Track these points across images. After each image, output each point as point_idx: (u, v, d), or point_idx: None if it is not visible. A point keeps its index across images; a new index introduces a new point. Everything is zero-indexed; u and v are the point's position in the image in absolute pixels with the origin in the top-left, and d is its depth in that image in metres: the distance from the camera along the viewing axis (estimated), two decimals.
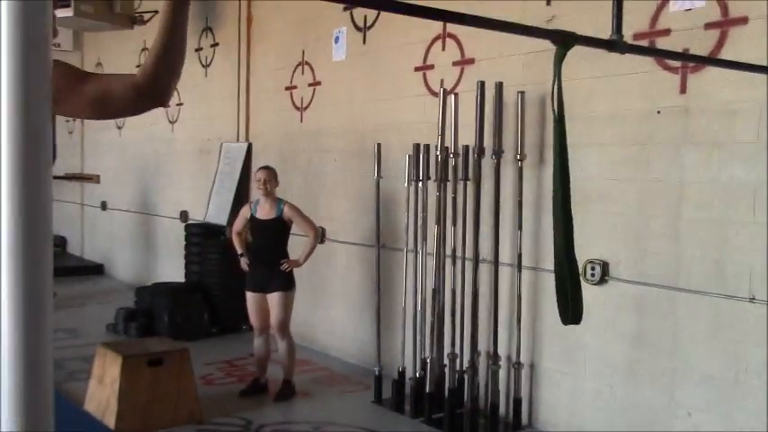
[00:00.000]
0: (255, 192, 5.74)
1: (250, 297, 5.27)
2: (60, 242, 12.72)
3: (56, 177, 12.32)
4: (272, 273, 5.17)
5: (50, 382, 1.01)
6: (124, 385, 4.50)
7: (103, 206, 11.10)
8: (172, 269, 8.60)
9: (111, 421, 4.49)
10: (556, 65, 2.37)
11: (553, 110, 2.23)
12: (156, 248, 9.64)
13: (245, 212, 5.36)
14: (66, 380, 5.65)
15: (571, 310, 2.27)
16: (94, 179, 11.44)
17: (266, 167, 5.45)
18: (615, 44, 2.37)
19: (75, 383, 5.39)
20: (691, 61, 3.76)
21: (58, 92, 1.77)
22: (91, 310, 8.37)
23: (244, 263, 5.33)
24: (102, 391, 4.68)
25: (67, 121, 12.27)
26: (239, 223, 5.39)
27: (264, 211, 5.24)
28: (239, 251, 5.36)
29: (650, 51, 2.87)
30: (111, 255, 11.01)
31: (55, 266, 3.23)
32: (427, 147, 5.09)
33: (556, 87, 2.34)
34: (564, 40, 2.28)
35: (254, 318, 5.31)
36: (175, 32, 1.79)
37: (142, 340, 5.79)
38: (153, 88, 1.82)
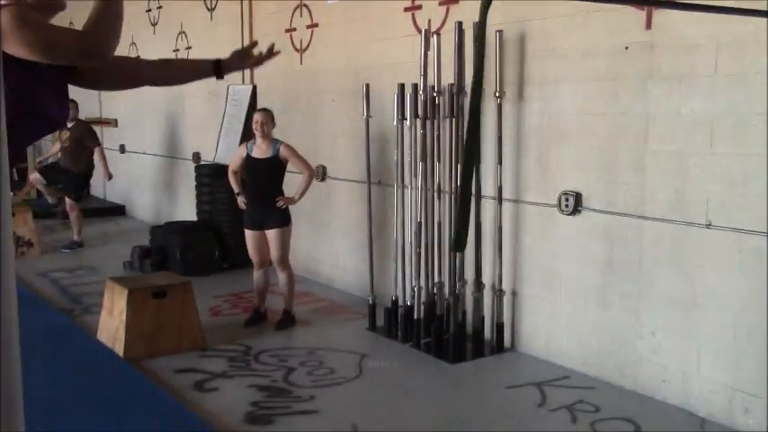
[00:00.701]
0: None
1: (249, 234, 5.58)
2: None
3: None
4: (269, 210, 5.45)
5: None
6: (130, 316, 4.86)
7: (122, 149, 11.44)
8: (186, 209, 8.95)
9: (120, 349, 4.87)
10: (481, 14, 2.53)
11: (475, 55, 2.39)
12: (173, 189, 9.99)
13: (240, 152, 5.62)
14: (82, 313, 6.06)
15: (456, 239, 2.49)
16: (112, 123, 11.76)
17: (263, 109, 5.69)
18: None
19: (91, 316, 5.77)
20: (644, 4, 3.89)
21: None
22: (111, 248, 8.77)
23: (241, 201, 5.62)
24: (112, 321, 5.06)
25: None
26: (235, 162, 5.66)
27: (261, 151, 5.50)
28: (236, 190, 5.65)
29: None
30: (132, 196, 11.40)
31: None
32: (415, 86, 5.28)
33: (478, 33, 2.48)
34: None
35: (253, 253, 5.62)
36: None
37: (148, 275, 6.14)
38: (94, 47, 2.10)
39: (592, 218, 4.56)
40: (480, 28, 2.47)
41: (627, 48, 4.27)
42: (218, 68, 2.58)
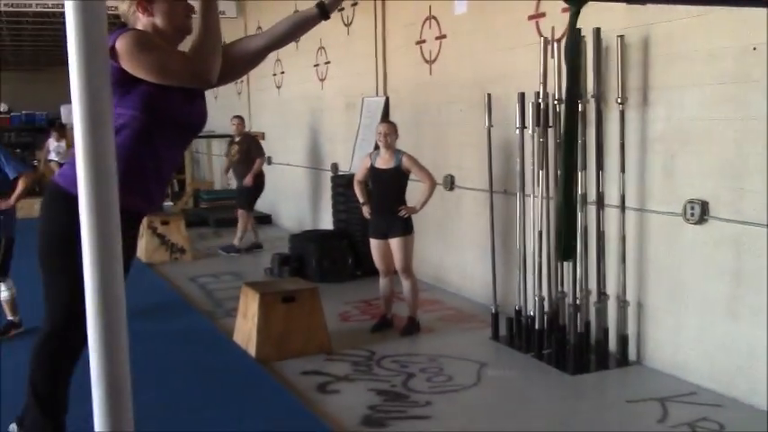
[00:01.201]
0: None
1: (373, 243, 5.75)
2: (236, 194, 13.90)
3: (228, 136, 13.46)
4: (392, 219, 5.59)
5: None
6: (262, 319, 5.14)
7: (269, 161, 12.02)
8: (326, 218, 9.30)
9: (252, 350, 5.17)
10: (571, 25, 2.52)
11: (567, 66, 2.37)
12: (314, 199, 10.40)
13: (366, 163, 5.81)
14: (222, 316, 6.46)
15: (563, 249, 2.49)
16: (260, 136, 12.37)
17: (387, 121, 5.86)
18: None
19: (230, 319, 6.14)
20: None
21: None
22: (255, 255, 9.26)
23: (366, 211, 5.80)
24: (246, 324, 5.37)
25: (236, 83, 13.31)
26: (361, 173, 5.85)
27: (384, 161, 5.66)
28: (361, 200, 5.83)
29: (665, 0, 2.93)
30: (277, 206, 11.96)
31: (232, 218, 4.18)
32: (537, 94, 5.26)
33: (570, 42, 2.48)
34: None
35: (378, 261, 5.78)
36: (206, 21, 2.33)
37: (281, 280, 6.45)
38: (198, 72, 2.34)
39: (719, 227, 4.36)
40: (571, 36, 2.47)
41: (755, 48, 4.07)
42: (323, 9, 2.69)
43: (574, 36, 2.43)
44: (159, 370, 4.79)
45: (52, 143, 15.39)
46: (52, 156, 15.40)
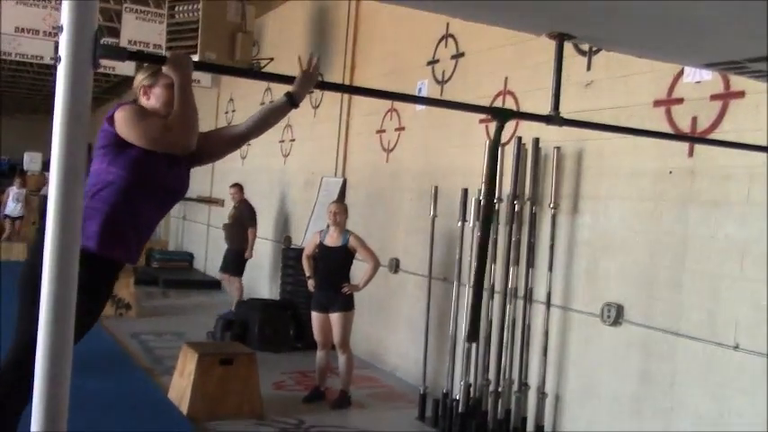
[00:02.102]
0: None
1: (314, 315, 6.01)
2: (189, 258, 14.07)
3: (188, 199, 13.71)
4: (335, 294, 5.88)
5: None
6: (198, 379, 5.33)
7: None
8: (274, 288, 9.53)
9: (184, 408, 5.33)
10: (495, 135, 2.92)
11: (483, 179, 2.75)
12: (268, 269, 10.61)
13: (315, 239, 6.12)
14: (162, 373, 6.60)
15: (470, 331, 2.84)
16: (219, 203, 12.66)
17: (338, 201, 6.22)
18: (552, 119, 2.91)
19: (168, 377, 6.28)
20: (660, 137, 4.18)
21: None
22: (200, 318, 9.39)
23: (310, 284, 6.08)
24: (181, 382, 5.54)
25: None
26: (309, 248, 6.16)
27: (332, 239, 5.98)
28: (307, 273, 6.13)
29: (580, 124, 3.35)
30: None
31: (181, 279, 4.62)
32: (479, 191, 5.67)
33: (491, 150, 2.87)
34: (501, 115, 2.86)
35: (317, 334, 6.03)
36: (182, 97, 2.72)
37: (221, 343, 6.63)
38: (176, 142, 2.74)
39: (631, 330, 4.73)
40: (492, 146, 2.88)
41: (671, 172, 4.54)
42: (291, 99, 3.03)
43: (495, 146, 2.85)
44: (88, 419, 4.92)
45: (13, 190, 15.52)
46: (10, 202, 15.51)
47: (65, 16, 2.01)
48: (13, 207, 15.57)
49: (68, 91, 2.05)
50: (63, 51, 2.14)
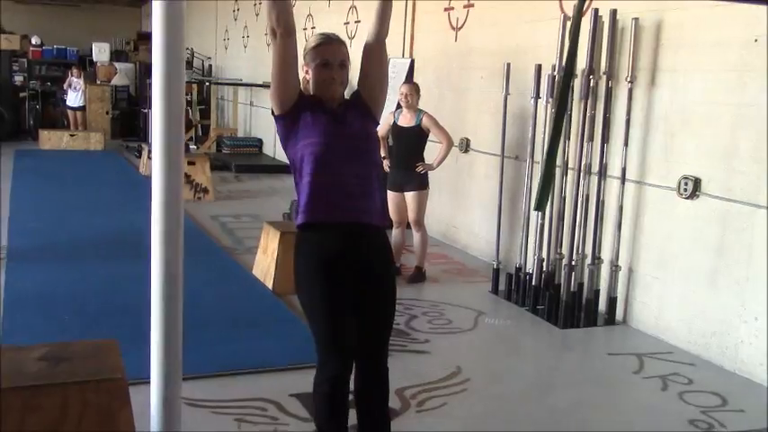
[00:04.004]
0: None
1: (390, 195, 6.14)
2: (257, 143, 14.33)
3: (254, 85, 13.83)
4: (410, 174, 5.99)
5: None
6: (281, 255, 5.57)
7: None
8: None
9: (269, 283, 5.62)
10: (576, 9, 2.87)
11: (558, 54, 2.73)
12: None
13: (388, 120, 6.18)
14: (243, 252, 6.92)
15: (537, 200, 2.90)
16: None
17: (409, 82, 6.22)
18: None
19: (250, 256, 6.59)
20: None
21: None
22: (274, 201, 9.70)
23: (385, 164, 6.19)
24: (265, 259, 5.81)
25: (265, 35, 13.65)
26: (383, 129, 6.22)
27: (406, 120, 6.04)
28: (382, 154, 6.22)
29: None
30: None
31: (251, 164, 4.90)
32: (554, 67, 5.60)
33: (573, 24, 2.84)
34: None
35: (393, 212, 6.18)
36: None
37: None
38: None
39: (709, 203, 4.73)
40: (575, 19, 2.85)
41: (756, 40, 4.40)
42: None
43: (577, 21, 2.82)
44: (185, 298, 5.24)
45: (73, 79, 15.80)
46: (70, 92, 15.80)
47: None
48: (73, 97, 15.87)
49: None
50: None
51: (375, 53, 3.02)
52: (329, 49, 2.92)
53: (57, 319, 4.80)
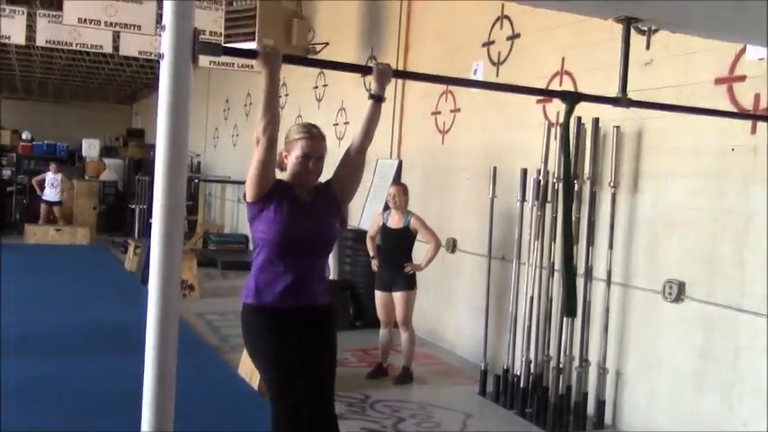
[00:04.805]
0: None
1: (378, 294, 6.18)
2: (244, 240, 14.38)
3: (243, 182, 14.00)
4: (398, 274, 6.04)
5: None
6: None
7: None
8: (331, 269, 9.73)
9: (255, 383, 5.55)
10: (565, 119, 3.01)
11: (559, 160, 2.85)
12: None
13: (378, 221, 6.28)
14: (229, 350, 6.86)
15: (567, 307, 2.99)
16: None
17: (398, 184, 6.36)
18: (619, 101, 3.00)
19: (236, 354, 6.53)
20: (707, 114, 4.20)
21: None
22: None
23: (374, 264, 6.25)
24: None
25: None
26: (373, 230, 6.32)
27: (394, 221, 6.13)
28: (371, 254, 6.29)
29: (649, 105, 3.44)
30: None
31: (237, 261, 4.99)
32: (539, 171, 5.76)
33: (562, 134, 2.96)
34: (570, 98, 2.95)
35: (380, 312, 6.21)
36: (266, 90, 2.89)
37: None
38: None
39: (693, 307, 4.79)
40: (564, 130, 2.98)
41: (733, 149, 4.57)
42: (376, 98, 3.22)
43: (566, 129, 2.95)
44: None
45: (49, 175, 15.80)
46: (47, 187, 15.78)
47: (167, 16, 2.21)
48: (49, 192, 15.87)
49: (171, 85, 2.27)
50: (165, 49, 2.33)
51: (356, 159, 3.35)
52: (310, 145, 3.22)
53: (39, 415, 4.71)
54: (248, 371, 5.78)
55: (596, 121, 5.33)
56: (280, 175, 3.32)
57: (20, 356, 6.12)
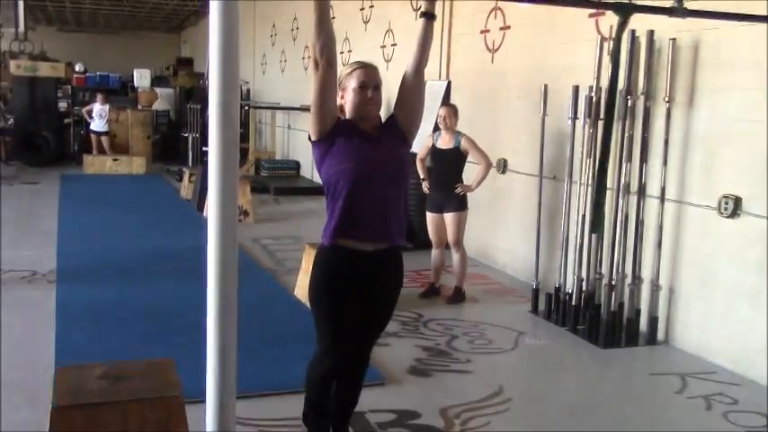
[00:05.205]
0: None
1: (429, 216, 6.23)
2: (295, 166, 14.53)
3: (292, 108, 14.04)
4: (449, 195, 6.06)
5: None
6: None
7: None
8: None
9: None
10: (617, 32, 2.94)
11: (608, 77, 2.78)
12: None
13: (427, 142, 6.27)
14: (284, 273, 7.04)
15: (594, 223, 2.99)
16: None
17: (448, 104, 6.31)
18: (675, 10, 2.92)
19: (291, 277, 6.70)
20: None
21: None
22: (313, 222, 9.77)
23: (425, 186, 6.27)
24: (306, 280, 5.89)
25: (303, 59, 13.90)
26: (422, 152, 6.32)
27: (444, 142, 6.12)
28: (421, 176, 6.31)
29: (707, 14, 3.31)
30: None
31: (289, 186, 5.09)
32: (591, 88, 5.65)
33: (614, 48, 2.89)
34: (622, 9, 2.88)
35: (432, 233, 6.26)
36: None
37: None
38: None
39: (750, 222, 4.73)
40: (615, 43, 2.92)
41: None
42: (427, 15, 3.16)
43: (617, 43, 2.88)
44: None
45: (97, 106, 15.94)
46: (95, 117, 15.91)
47: None
48: (98, 123, 16.05)
49: (221, 13, 2.29)
50: None
51: (414, 82, 3.21)
52: (365, 73, 3.13)
53: (106, 338, 4.95)
54: (303, 292, 5.92)
55: (651, 33, 5.19)
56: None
57: (84, 283, 6.39)
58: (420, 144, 6.73)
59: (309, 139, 3.12)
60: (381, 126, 3.18)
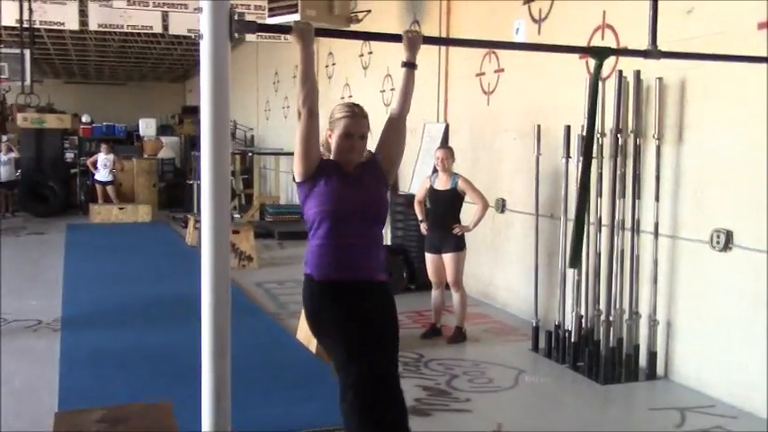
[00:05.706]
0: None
1: (428, 257, 6.30)
2: (299, 211, 14.64)
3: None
4: (447, 236, 6.14)
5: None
6: None
7: None
8: (385, 233, 9.88)
9: (312, 347, 5.76)
10: (594, 75, 3.06)
11: (586, 116, 2.90)
12: None
13: (425, 184, 6.38)
14: (287, 317, 7.09)
15: (571, 258, 3.08)
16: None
17: (445, 147, 6.44)
18: (650, 53, 3.04)
19: (294, 320, 6.76)
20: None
21: None
22: None
23: (423, 227, 6.36)
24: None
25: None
26: (420, 193, 6.43)
27: (442, 183, 6.23)
28: (420, 217, 6.41)
29: (681, 55, 3.44)
30: None
31: (293, 231, 5.33)
32: (583, 127, 5.76)
33: (591, 88, 3.02)
34: (599, 54, 3.00)
35: (431, 274, 6.33)
36: (302, 64, 3.00)
37: None
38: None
39: (742, 255, 4.79)
40: (592, 84, 3.04)
41: None
42: (409, 65, 3.31)
43: (594, 84, 3.00)
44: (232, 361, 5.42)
45: (101, 156, 16.00)
46: (99, 167, 15.98)
47: None
48: (102, 173, 16.11)
49: (211, 63, 2.44)
50: (204, 29, 2.49)
51: (397, 126, 3.38)
52: (352, 124, 3.26)
53: (110, 383, 5.01)
54: (306, 335, 5.98)
55: (638, 73, 5.31)
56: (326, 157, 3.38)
57: (88, 330, 6.47)
58: (418, 186, 6.85)
59: (294, 179, 3.26)
60: (362, 166, 3.31)
